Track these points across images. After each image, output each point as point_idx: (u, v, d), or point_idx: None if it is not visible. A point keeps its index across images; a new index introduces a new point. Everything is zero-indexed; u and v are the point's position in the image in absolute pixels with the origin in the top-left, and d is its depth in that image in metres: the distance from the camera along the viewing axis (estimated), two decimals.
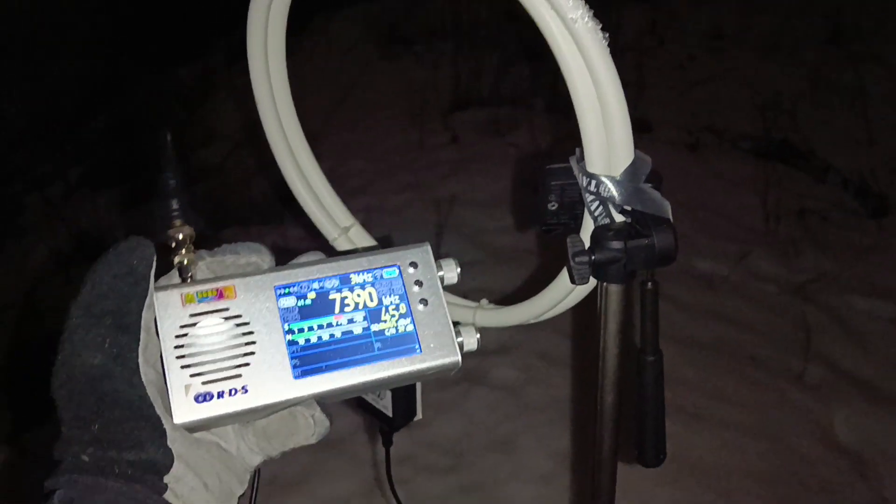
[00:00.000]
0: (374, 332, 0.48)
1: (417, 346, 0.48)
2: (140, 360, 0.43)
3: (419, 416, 0.72)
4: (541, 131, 2.84)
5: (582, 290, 0.60)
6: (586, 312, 0.63)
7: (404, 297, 0.49)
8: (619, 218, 0.53)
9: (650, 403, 0.55)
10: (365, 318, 0.48)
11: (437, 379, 0.51)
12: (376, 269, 0.50)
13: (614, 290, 0.55)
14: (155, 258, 0.45)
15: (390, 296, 0.49)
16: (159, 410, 0.43)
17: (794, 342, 1.98)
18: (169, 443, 0.43)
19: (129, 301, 0.44)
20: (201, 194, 2.78)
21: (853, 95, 2.95)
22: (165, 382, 0.44)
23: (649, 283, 0.53)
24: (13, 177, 3.32)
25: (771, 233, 2.37)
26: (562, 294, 0.60)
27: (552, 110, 2.99)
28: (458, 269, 0.52)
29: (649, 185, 0.52)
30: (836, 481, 1.64)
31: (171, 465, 0.43)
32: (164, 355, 0.44)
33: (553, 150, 2.74)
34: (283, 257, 0.52)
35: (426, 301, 0.49)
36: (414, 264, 0.50)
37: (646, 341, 0.55)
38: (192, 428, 0.44)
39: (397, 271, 0.50)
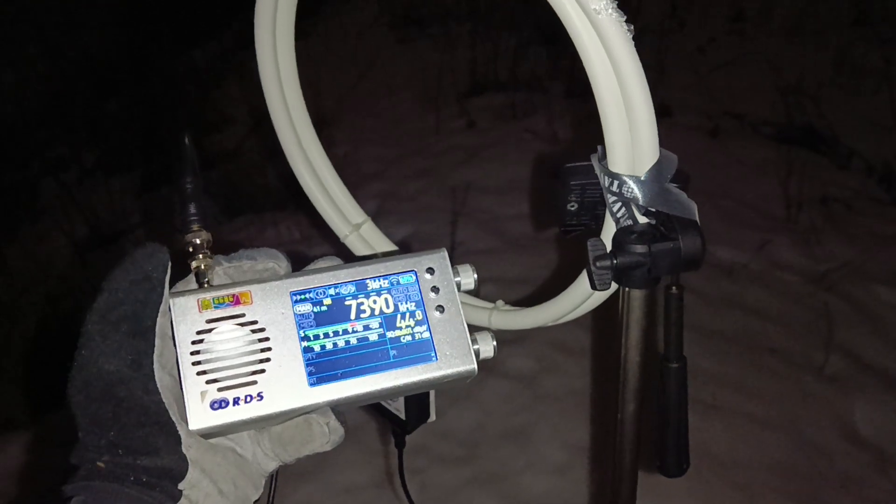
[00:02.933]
0: (390, 339, 0.48)
1: (433, 354, 0.48)
2: (155, 366, 0.43)
3: (432, 417, 0.70)
4: (558, 116, 2.80)
5: (601, 295, 0.57)
6: (605, 304, 0.61)
7: (421, 303, 0.49)
8: (642, 220, 0.50)
9: (673, 412, 0.53)
10: (381, 325, 0.48)
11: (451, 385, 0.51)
12: (393, 274, 0.49)
13: (637, 295, 0.52)
14: (170, 264, 0.45)
15: (406, 302, 0.49)
16: (174, 417, 0.43)
17: (815, 333, 1.94)
18: (184, 449, 0.43)
19: (144, 307, 0.44)
20: (216, 180, 2.77)
21: (879, 79, 2.88)
22: (181, 388, 0.44)
23: (674, 288, 0.51)
24: (29, 160, 3.32)
25: (792, 220, 2.33)
26: (581, 298, 0.57)
27: (570, 95, 2.94)
28: (475, 276, 0.51)
29: (675, 185, 0.49)
30: (856, 475, 1.61)
31: (185, 472, 0.43)
32: (179, 361, 0.44)
33: (570, 137, 2.70)
34: (301, 262, 0.52)
35: (443, 308, 0.49)
36: (431, 270, 0.50)
37: (669, 348, 0.52)
38: (208, 434, 0.45)
39: (414, 277, 0.50)
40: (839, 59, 3.03)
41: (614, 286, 0.53)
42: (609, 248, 0.51)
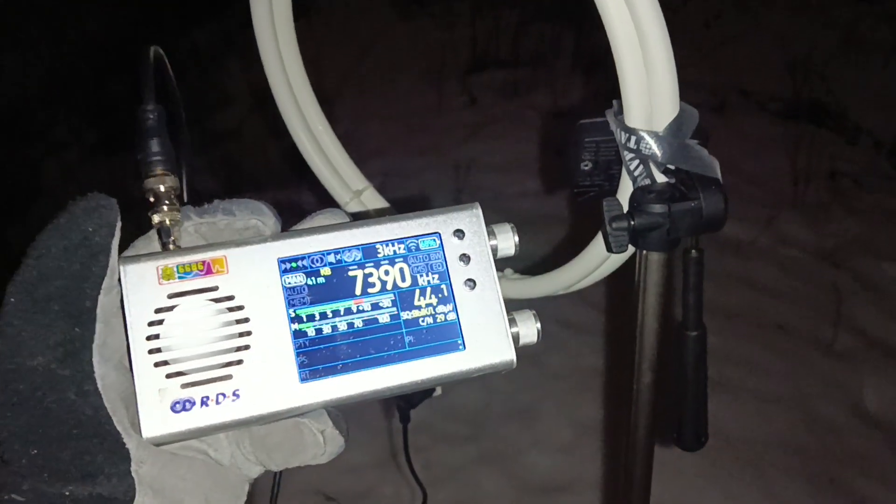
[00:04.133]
0: (406, 321, 0.38)
1: (460, 341, 0.38)
2: (95, 359, 0.33)
3: (438, 391, 0.68)
4: (561, 93, 2.77)
5: (617, 259, 0.54)
6: (613, 278, 0.58)
7: (445, 275, 0.39)
8: (661, 178, 0.48)
9: (691, 383, 0.51)
10: (394, 304, 0.38)
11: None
12: (411, 238, 0.39)
13: (655, 258, 0.49)
14: (119, 224, 0.35)
15: (428, 274, 0.39)
16: (121, 425, 0.33)
17: (823, 309, 1.92)
18: (134, 468, 0.33)
19: (82, 282, 0.34)
20: (217, 158, 2.75)
21: (887, 54, 2.84)
22: (133, 386, 0.35)
23: (693, 251, 0.48)
24: (31, 141, 3.31)
25: (800, 196, 2.30)
26: (595, 263, 0.54)
27: (573, 71, 2.91)
28: (517, 238, 0.41)
29: (695, 141, 0.46)
30: (865, 452, 1.60)
31: (132, 501, 0.33)
32: (131, 349, 0.35)
33: (574, 113, 2.67)
34: (295, 220, 0.42)
35: (474, 282, 0.39)
36: (459, 233, 0.40)
37: (688, 315, 0.50)
38: (167, 442, 0.36)
39: (438, 241, 0.39)
40: (847, 34, 2.98)
41: (631, 249, 0.50)
42: (626, 208, 0.48)
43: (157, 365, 0.35)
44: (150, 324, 0.35)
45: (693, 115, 0.47)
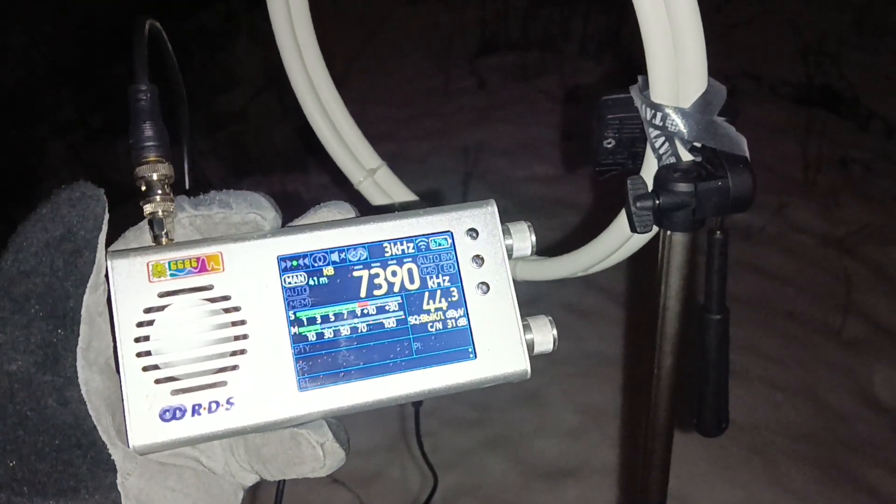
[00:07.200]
0: (413, 326, 0.36)
1: (471, 349, 0.36)
2: (79, 363, 0.31)
3: None
4: (571, 77, 2.75)
5: (638, 240, 0.53)
6: (623, 263, 0.57)
7: (457, 278, 0.37)
8: (687, 156, 0.46)
9: (713, 367, 0.49)
10: (401, 307, 0.36)
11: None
12: (421, 236, 0.37)
13: (679, 239, 0.48)
14: (107, 216, 0.32)
15: (438, 275, 0.36)
16: (105, 435, 0.31)
17: (833, 296, 1.90)
18: (119, 480, 0.31)
19: (64, 279, 0.31)
20: (223, 140, 2.74)
21: None
22: (121, 391, 0.32)
23: (718, 233, 0.47)
24: (36, 122, 3.30)
25: (810, 183, 2.28)
26: (616, 244, 0.53)
27: (583, 55, 2.89)
28: (534, 238, 0.39)
29: (723, 118, 0.45)
30: (874, 440, 1.59)
31: None
32: (119, 352, 0.33)
33: (583, 96, 2.65)
34: (298, 213, 0.39)
35: (487, 285, 0.37)
36: (473, 233, 0.37)
37: (711, 298, 0.48)
38: (155, 452, 0.34)
39: (449, 241, 0.37)
40: (859, 19, 2.95)
41: (654, 229, 0.49)
42: (650, 187, 0.47)
43: (145, 369, 0.33)
44: (140, 325, 0.33)
45: (721, 92, 0.45)
